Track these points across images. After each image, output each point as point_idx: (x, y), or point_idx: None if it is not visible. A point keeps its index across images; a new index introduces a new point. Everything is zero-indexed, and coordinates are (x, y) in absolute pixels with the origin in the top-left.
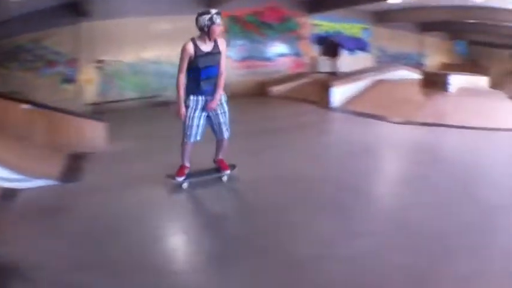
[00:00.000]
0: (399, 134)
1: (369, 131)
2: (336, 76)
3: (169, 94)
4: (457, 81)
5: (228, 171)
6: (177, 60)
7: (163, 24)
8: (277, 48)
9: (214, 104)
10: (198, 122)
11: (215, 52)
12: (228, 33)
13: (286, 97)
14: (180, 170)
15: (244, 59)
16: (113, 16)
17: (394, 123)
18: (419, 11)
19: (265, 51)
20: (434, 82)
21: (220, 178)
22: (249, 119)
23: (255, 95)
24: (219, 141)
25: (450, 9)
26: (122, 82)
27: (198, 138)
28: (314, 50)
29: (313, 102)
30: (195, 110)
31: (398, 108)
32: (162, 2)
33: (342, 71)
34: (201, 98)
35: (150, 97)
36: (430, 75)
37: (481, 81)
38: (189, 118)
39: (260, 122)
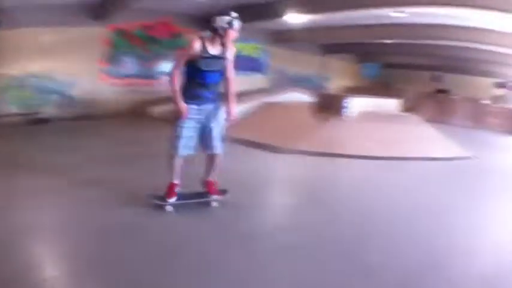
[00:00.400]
0: (280, 165)
1: (243, 162)
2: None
3: (49, 111)
4: (357, 104)
5: (217, 197)
6: (58, 74)
7: (47, 35)
8: (164, 66)
9: (235, 110)
10: (189, 134)
11: (222, 57)
12: (114, 48)
13: (166, 119)
14: (170, 189)
15: (126, 76)
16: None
17: (277, 152)
18: (324, 32)
19: (150, 69)
20: (329, 105)
21: (208, 203)
22: (109, 142)
23: (134, 115)
24: (210, 157)
25: (360, 29)
26: (6, 96)
27: (191, 151)
28: None
29: None
30: (188, 120)
31: (285, 135)
32: (48, 12)
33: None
34: (195, 107)
35: (31, 113)
36: (325, 97)
37: (391, 104)
38: (179, 128)
39: (118, 146)
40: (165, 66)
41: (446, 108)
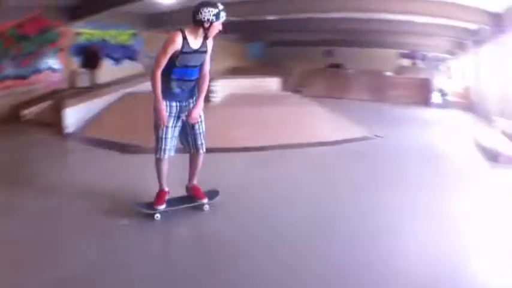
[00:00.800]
0: (135, 169)
1: (91, 168)
2: (86, 91)
3: None
4: (227, 87)
5: (206, 200)
6: None
7: None
8: (35, 63)
9: (197, 114)
10: (172, 133)
11: (202, 51)
12: None
13: (36, 121)
14: (159, 196)
15: (3, 78)
16: None
17: (136, 153)
18: None
19: (25, 68)
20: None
21: (200, 207)
22: None
23: (8, 121)
24: (193, 157)
25: (239, 6)
26: None
27: (172, 153)
28: (74, 62)
29: (52, 127)
30: (169, 119)
31: (145, 131)
32: None
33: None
34: (175, 104)
35: None
36: None
37: (271, 84)
38: (163, 128)
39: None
40: (37, 63)
41: (340, 83)
